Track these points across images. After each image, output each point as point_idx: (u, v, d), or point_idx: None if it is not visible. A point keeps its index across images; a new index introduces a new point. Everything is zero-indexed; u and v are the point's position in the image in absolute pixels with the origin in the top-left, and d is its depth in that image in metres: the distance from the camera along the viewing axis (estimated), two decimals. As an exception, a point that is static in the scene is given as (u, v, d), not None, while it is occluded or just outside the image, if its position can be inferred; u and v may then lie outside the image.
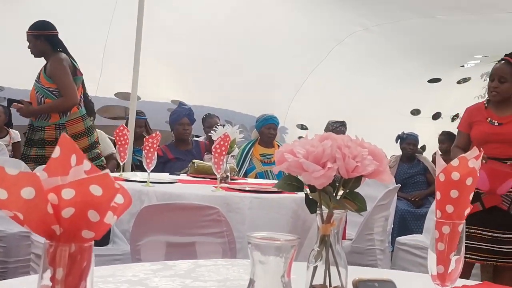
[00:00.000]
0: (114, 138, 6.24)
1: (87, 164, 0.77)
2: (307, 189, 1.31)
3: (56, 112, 4.89)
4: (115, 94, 7.82)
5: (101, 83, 7.43)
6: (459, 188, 1.22)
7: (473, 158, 1.22)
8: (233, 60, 7.26)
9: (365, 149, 1.23)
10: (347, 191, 1.28)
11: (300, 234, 3.93)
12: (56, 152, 0.77)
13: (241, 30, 6.78)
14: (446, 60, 7.64)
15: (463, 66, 7.97)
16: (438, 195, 1.25)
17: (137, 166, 6.27)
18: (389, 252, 5.34)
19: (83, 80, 5.11)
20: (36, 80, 4.95)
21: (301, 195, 4.28)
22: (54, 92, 4.88)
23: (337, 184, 1.25)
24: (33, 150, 4.91)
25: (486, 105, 4.34)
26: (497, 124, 4.24)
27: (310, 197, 1.31)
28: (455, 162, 1.21)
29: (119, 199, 0.78)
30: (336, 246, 1.26)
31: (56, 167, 0.76)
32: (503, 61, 4.30)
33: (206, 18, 6.60)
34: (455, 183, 1.21)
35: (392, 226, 5.96)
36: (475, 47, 7.19)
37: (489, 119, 4.28)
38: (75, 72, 4.97)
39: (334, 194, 1.24)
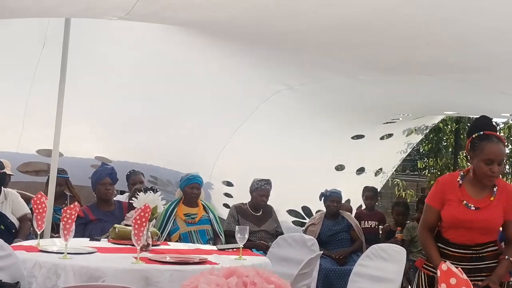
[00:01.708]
0: (31, 195, 6.12)
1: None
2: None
3: None
4: (37, 151, 7.66)
5: (22, 139, 7.28)
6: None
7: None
8: (159, 117, 7.22)
9: (272, 285, 1.21)
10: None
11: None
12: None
13: (166, 88, 6.76)
14: (369, 118, 7.79)
15: (385, 123, 8.14)
16: None
17: (58, 226, 6.11)
18: (312, 316, 5.33)
19: None
20: None
21: (227, 264, 4.25)
22: None
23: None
24: None
25: (460, 182, 3.98)
26: (474, 208, 3.89)
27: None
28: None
29: None
30: None
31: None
32: (496, 140, 3.85)
33: (131, 76, 6.56)
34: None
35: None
36: (396, 106, 7.36)
37: (465, 202, 3.92)
38: None
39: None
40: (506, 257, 3.89)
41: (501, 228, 4.03)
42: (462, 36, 3.78)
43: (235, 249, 4.82)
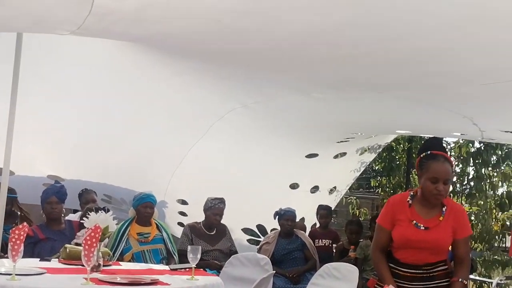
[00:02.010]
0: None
1: None
2: None
3: None
4: (-13, 170, 7.50)
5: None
6: None
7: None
8: (112, 135, 7.14)
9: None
10: None
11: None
12: None
13: (120, 106, 6.70)
14: (322, 137, 7.83)
15: (339, 142, 8.19)
16: None
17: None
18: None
19: None
20: None
21: (179, 284, 4.21)
22: None
23: None
24: None
25: (410, 202, 4.01)
26: (423, 228, 3.93)
27: None
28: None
29: None
30: None
31: None
32: (442, 159, 3.92)
33: (84, 94, 6.49)
34: None
35: (269, 308, 5.96)
36: (349, 125, 7.41)
37: (415, 221, 3.95)
38: None
39: None
40: (460, 279, 3.91)
41: (450, 247, 4.08)
42: (410, 55, 3.82)
43: (187, 269, 4.78)
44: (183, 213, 8.48)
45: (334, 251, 7.73)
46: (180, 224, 8.22)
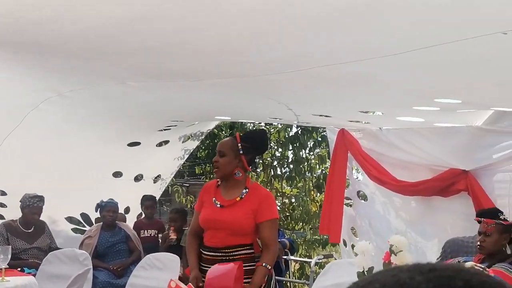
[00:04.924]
0: None
1: None
2: None
3: None
4: None
5: None
6: None
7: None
8: None
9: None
10: None
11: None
12: None
13: None
14: (143, 125, 7.74)
15: (161, 130, 8.14)
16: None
17: None
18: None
19: None
20: None
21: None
22: None
23: None
24: None
25: (218, 183, 4.14)
26: (219, 206, 4.02)
27: None
28: None
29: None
30: None
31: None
32: (231, 136, 4.19)
33: None
34: None
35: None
36: (169, 113, 7.37)
37: (214, 199, 4.06)
38: None
39: None
40: (263, 264, 3.93)
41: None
42: (213, 45, 3.80)
43: (-1, 270, 4.57)
44: (2, 205, 8.08)
45: (160, 240, 7.69)
46: (0, 216, 7.83)
